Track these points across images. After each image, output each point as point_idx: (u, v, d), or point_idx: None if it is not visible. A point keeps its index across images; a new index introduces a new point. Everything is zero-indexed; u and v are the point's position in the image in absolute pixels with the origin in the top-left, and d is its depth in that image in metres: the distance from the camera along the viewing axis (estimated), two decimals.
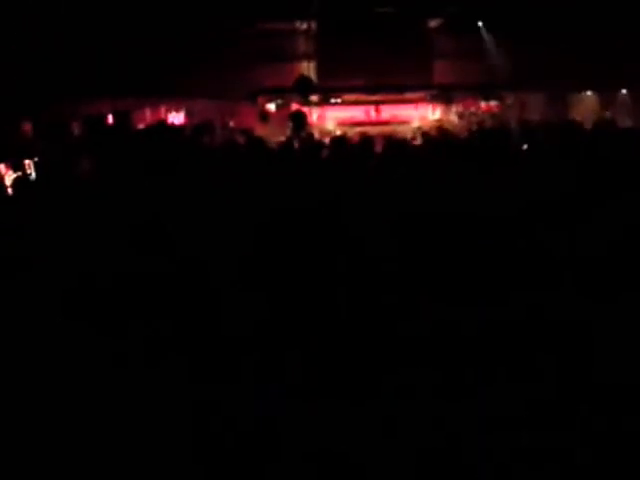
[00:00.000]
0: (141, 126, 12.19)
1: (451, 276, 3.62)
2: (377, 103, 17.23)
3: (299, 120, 10.98)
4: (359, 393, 2.77)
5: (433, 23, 17.38)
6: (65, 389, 2.83)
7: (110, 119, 12.69)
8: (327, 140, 8.53)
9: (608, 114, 15.81)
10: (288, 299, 3.38)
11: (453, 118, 17.07)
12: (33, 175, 7.04)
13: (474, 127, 15.00)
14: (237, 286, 3.51)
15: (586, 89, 16.83)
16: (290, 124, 10.58)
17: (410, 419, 2.61)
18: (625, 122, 13.97)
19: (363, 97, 17.17)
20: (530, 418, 2.60)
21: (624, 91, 16.56)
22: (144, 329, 3.18)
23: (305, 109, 15.97)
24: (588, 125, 10.88)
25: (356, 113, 17.24)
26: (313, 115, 16.67)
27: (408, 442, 2.52)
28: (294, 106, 15.67)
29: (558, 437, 2.53)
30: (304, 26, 17.25)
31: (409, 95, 17.27)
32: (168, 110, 15.57)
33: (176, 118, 15.46)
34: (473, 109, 17.18)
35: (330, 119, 16.95)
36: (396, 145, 8.46)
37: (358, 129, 15.40)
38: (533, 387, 2.77)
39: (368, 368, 2.94)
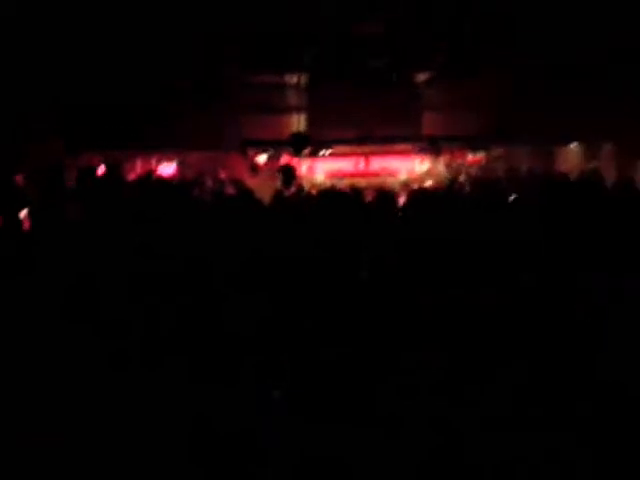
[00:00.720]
0: (131, 177, 12.25)
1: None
2: (366, 155, 17.37)
3: (288, 173, 11.08)
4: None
5: (422, 76, 17.72)
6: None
7: (101, 170, 12.75)
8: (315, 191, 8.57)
9: (593, 166, 16.02)
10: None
11: (441, 169, 17.23)
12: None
13: (462, 178, 15.22)
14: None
15: (572, 141, 17.11)
16: (280, 176, 10.66)
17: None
18: (611, 174, 14.15)
19: (352, 149, 17.34)
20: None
21: (609, 145, 16.84)
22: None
23: (295, 161, 16.15)
24: (573, 177, 11.00)
25: (345, 165, 17.36)
26: (303, 167, 16.80)
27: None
28: (284, 158, 15.81)
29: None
30: (295, 79, 17.55)
31: (398, 147, 17.45)
32: (159, 161, 15.67)
33: (167, 169, 15.56)
34: (460, 160, 17.37)
35: (320, 171, 17.07)
36: (385, 197, 8.53)
37: (347, 181, 15.54)
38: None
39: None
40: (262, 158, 16.34)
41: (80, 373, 2.85)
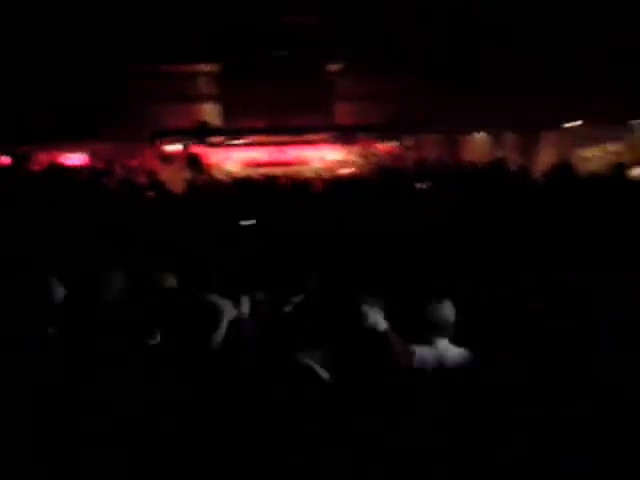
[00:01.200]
0: (37, 168, 11.86)
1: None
2: (280, 144, 17.41)
3: (195, 162, 11.01)
4: None
5: (334, 67, 17.89)
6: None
7: (7, 161, 12.32)
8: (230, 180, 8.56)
9: (500, 154, 16.67)
10: None
11: (354, 159, 17.48)
12: None
13: (374, 167, 15.51)
14: None
15: (478, 130, 17.74)
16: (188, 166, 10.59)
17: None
18: (516, 161, 14.80)
19: (267, 139, 17.34)
20: None
21: (511, 133, 17.57)
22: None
23: (208, 151, 16.02)
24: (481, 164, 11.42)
25: (260, 154, 17.35)
26: (215, 157, 16.66)
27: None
28: (193, 148, 15.69)
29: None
30: (207, 68, 17.36)
31: (312, 136, 17.58)
32: (68, 151, 15.22)
33: (75, 159, 15.11)
34: (374, 150, 17.67)
35: (234, 161, 16.99)
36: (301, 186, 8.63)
37: (262, 170, 15.55)
38: None
39: None
40: (171, 148, 16.08)
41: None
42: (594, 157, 16.32)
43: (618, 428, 2.23)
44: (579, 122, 16.48)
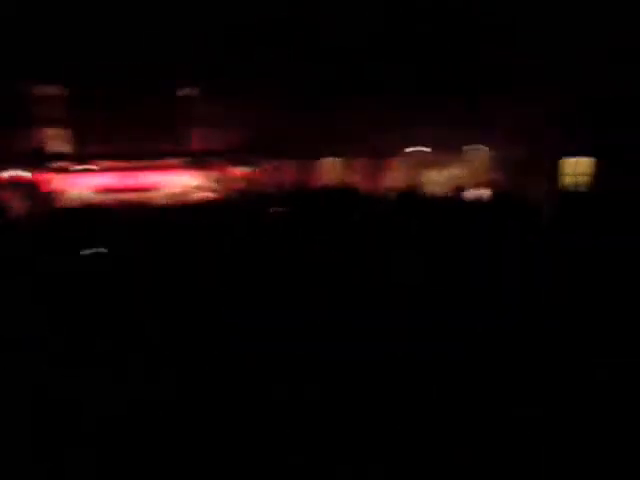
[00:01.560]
0: None
1: None
2: (133, 170, 17.00)
3: (30, 189, 10.49)
4: None
5: (188, 92, 17.78)
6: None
7: None
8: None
9: (351, 178, 17.35)
10: None
11: (210, 183, 17.42)
12: None
13: (231, 192, 15.55)
14: None
15: (329, 156, 18.37)
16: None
17: None
18: (366, 184, 15.48)
19: (118, 164, 16.85)
20: None
21: (362, 158, 18.39)
22: None
23: (50, 177, 15.32)
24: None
25: (112, 180, 16.83)
26: (64, 182, 15.97)
27: None
28: (37, 175, 15.00)
29: None
30: (56, 92, 16.62)
31: (166, 161, 17.33)
32: None
33: None
34: (230, 174, 17.72)
35: (83, 186, 16.34)
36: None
37: (114, 196, 15.11)
38: None
39: None
40: (15, 173, 15.20)
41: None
42: (437, 180, 17.47)
43: None
44: (421, 148, 17.72)
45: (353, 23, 14.50)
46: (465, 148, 18.10)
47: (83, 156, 16.16)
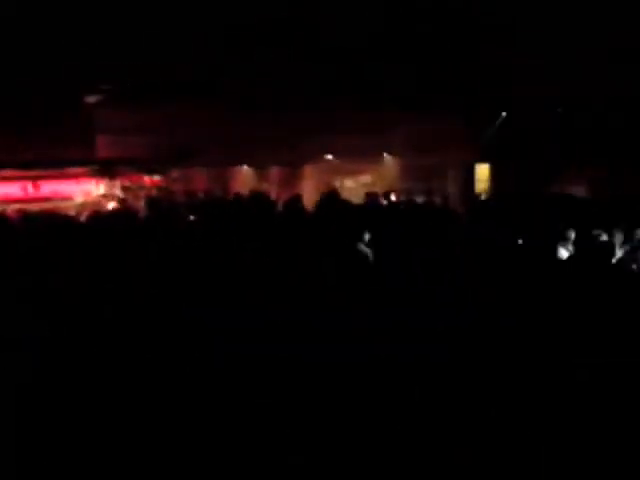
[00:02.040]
0: None
1: None
2: (35, 179, 16.25)
3: None
4: None
5: (92, 98, 17.21)
6: None
7: None
8: None
9: (265, 186, 17.37)
10: None
11: (118, 192, 16.93)
12: None
13: (140, 201, 15.18)
14: None
15: (242, 164, 18.33)
16: None
17: None
18: (279, 193, 15.54)
19: (19, 173, 16.07)
20: None
21: (275, 167, 18.48)
22: None
23: None
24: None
25: (12, 189, 16.03)
26: None
27: None
28: None
29: None
30: None
31: (70, 170, 16.70)
32: None
33: None
34: (140, 183, 17.31)
35: None
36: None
37: (16, 206, 14.39)
38: None
39: None
40: None
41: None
42: (348, 187, 17.77)
43: None
44: (330, 157, 18.00)
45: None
46: (377, 156, 18.50)
47: None
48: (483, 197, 14.82)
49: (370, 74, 14.78)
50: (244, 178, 18.43)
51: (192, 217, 10.95)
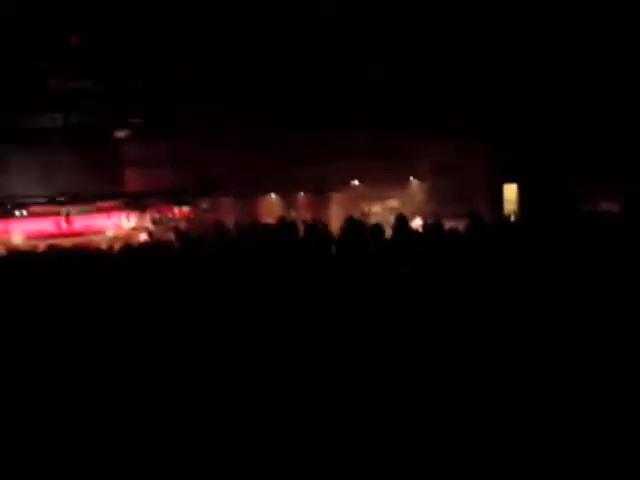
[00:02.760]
0: None
1: None
2: (67, 214, 16.53)
3: None
4: None
5: (120, 133, 17.56)
6: None
7: None
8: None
9: (293, 214, 17.44)
10: None
11: (148, 225, 17.14)
12: None
13: (170, 233, 15.30)
14: None
15: (269, 192, 18.45)
16: None
17: None
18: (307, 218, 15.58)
19: (52, 209, 16.37)
20: None
21: (302, 194, 18.56)
22: None
23: None
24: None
25: (45, 225, 16.32)
26: None
27: None
28: None
29: None
30: None
31: (101, 204, 16.97)
32: None
33: None
34: (169, 215, 17.51)
35: (17, 233, 15.76)
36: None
37: (49, 241, 14.62)
38: None
39: None
40: None
41: None
42: (375, 212, 17.75)
43: None
44: (357, 182, 18.05)
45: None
46: (403, 180, 18.51)
47: (14, 202, 15.64)
48: (512, 218, 14.68)
49: (394, 100, 14.87)
50: (272, 206, 18.54)
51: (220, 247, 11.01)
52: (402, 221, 9.65)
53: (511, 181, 17.03)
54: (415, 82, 14.38)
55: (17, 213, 15.63)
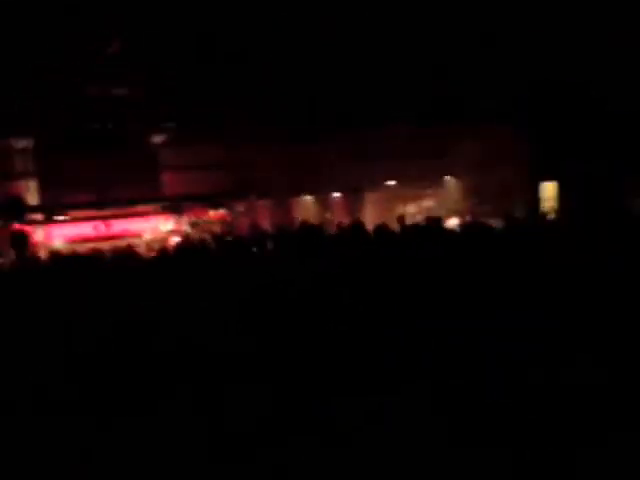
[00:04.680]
0: None
1: None
2: (106, 218, 16.82)
3: (19, 241, 10.26)
4: None
5: (156, 138, 17.80)
6: None
7: None
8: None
9: (328, 215, 17.47)
10: None
11: (185, 227, 17.34)
12: None
13: (207, 235, 15.45)
14: None
15: (304, 193, 18.47)
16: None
17: None
18: (343, 219, 15.56)
19: (91, 213, 16.68)
20: None
21: (337, 194, 18.51)
22: None
23: (29, 228, 15.10)
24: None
25: (85, 229, 16.63)
26: (38, 234, 15.78)
27: None
28: (16, 226, 14.68)
29: None
30: (21, 144, 16.48)
31: (138, 208, 17.22)
32: None
33: None
34: (206, 218, 17.68)
35: (58, 237, 16.11)
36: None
37: (90, 245, 14.89)
38: None
39: None
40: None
41: None
42: (411, 213, 17.64)
43: None
44: (394, 182, 17.93)
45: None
46: (438, 179, 18.37)
47: (56, 207, 15.95)
48: (551, 216, 14.43)
49: (430, 97, 14.77)
50: (307, 207, 18.56)
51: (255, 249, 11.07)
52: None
53: (550, 178, 16.75)
54: (451, 78, 14.25)
55: (59, 218, 15.94)
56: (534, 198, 16.55)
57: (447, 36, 13.45)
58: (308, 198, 18.72)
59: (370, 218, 16.08)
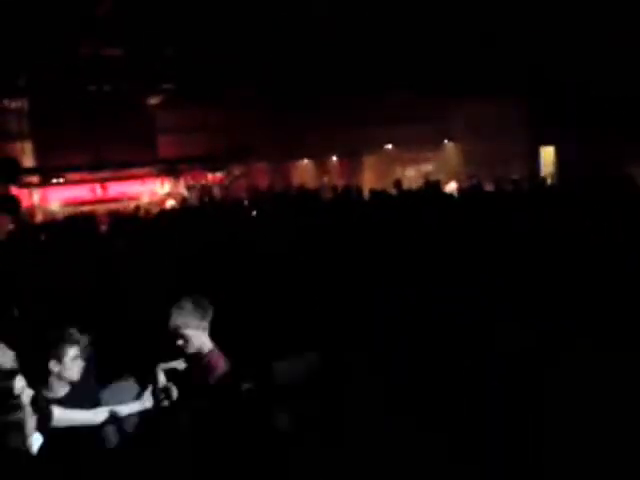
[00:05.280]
0: None
1: None
2: (103, 181, 16.69)
3: (10, 204, 10.14)
4: None
5: (153, 100, 17.55)
6: None
7: None
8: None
9: (326, 179, 17.38)
10: None
11: (182, 191, 17.24)
12: None
13: (205, 198, 15.40)
14: None
15: (302, 157, 18.35)
16: None
17: None
18: (340, 183, 15.50)
19: (87, 175, 16.53)
20: None
21: (335, 158, 18.39)
22: None
23: (23, 191, 15.00)
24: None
25: (81, 192, 16.51)
26: (34, 197, 15.69)
27: None
28: (10, 189, 14.56)
29: None
30: (14, 104, 16.22)
31: (135, 171, 17.07)
32: None
33: None
34: (203, 181, 17.57)
35: (54, 200, 15.98)
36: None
37: (86, 208, 14.85)
38: None
39: None
40: None
41: None
42: (410, 177, 17.55)
43: None
44: (390, 146, 17.79)
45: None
46: (438, 143, 18.21)
47: (51, 169, 15.80)
48: (549, 181, 14.37)
49: (429, 60, 14.55)
50: (305, 171, 18.46)
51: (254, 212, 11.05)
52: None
53: (549, 143, 16.62)
54: (448, 42, 14.01)
55: (54, 181, 15.80)
56: (533, 165, 16.48)
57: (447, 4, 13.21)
58: (306, 162, 18.61)
59: (368, 182, 16.00)
